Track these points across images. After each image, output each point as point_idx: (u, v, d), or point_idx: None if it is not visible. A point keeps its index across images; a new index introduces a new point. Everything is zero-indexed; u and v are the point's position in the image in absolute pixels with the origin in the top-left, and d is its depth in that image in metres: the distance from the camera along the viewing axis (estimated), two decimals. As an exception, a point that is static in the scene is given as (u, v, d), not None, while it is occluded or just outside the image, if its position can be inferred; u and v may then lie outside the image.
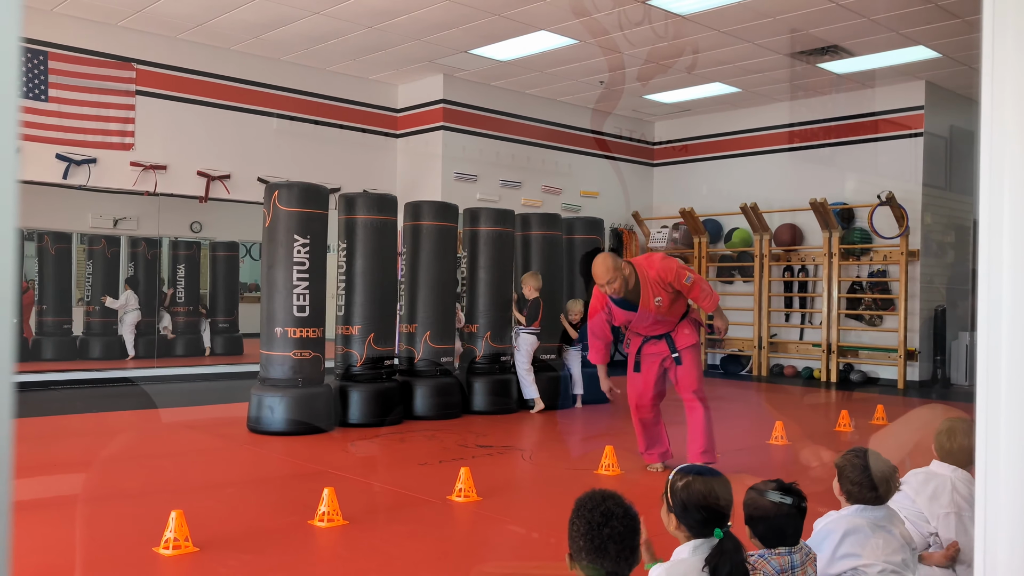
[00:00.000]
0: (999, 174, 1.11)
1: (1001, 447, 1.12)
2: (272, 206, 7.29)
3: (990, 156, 1.14)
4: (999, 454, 1.11)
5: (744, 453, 6.69)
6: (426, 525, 4.46)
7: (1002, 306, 1.12)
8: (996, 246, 1.13)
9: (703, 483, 2.48)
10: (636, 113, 14.13)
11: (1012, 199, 1.09)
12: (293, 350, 7.19)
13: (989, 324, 1.14)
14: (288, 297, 7.20)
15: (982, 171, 1.15)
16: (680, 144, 14.61)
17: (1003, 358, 1.12)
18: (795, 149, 13.07)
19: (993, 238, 1.10)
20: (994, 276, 1.12)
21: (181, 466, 5.93)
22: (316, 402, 7.22)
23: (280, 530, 4.30)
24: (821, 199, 11.85)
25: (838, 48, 10.35)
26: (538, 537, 4.33)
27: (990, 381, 1.13)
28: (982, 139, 1.16)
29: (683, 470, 2.57)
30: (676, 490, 2.51)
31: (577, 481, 5.68)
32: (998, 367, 1.12)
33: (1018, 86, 1.11)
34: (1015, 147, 1.09)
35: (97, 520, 4.49)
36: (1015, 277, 1.11)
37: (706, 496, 2.46)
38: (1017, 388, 1.12)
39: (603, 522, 2.26)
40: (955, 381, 11.76)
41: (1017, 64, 1.11)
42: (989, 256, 1.13)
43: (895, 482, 3.02)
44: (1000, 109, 1.12)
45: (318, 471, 5.78)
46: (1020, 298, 1.11)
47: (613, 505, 2.30)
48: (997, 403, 1.12)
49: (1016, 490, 1.10)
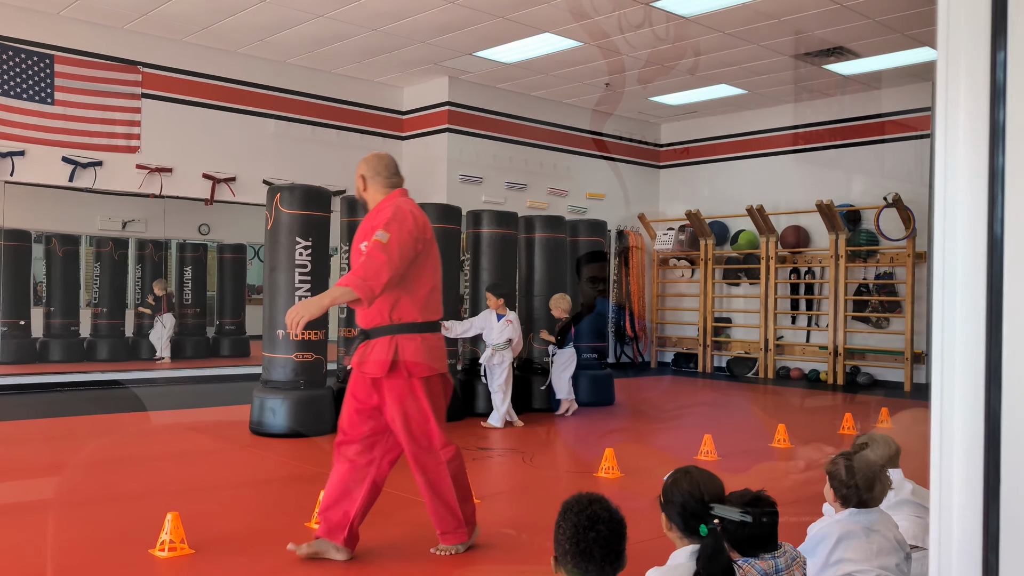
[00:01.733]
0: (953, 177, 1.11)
1: (956, 456, 1.12)
2: (274, 208, 7.31)
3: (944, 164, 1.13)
4: (953, 461, 1.11)
5: (746, 456, 6.67)
6: (422, 528, 4.45)
7: (956, 316, 1.11)
8: (952, 251, 1.13)
9: (690, 481, 2.48)
10: (642, 115, 14.12)
11: (964, 200, 1.09)
12: (295, 352, 7.21)
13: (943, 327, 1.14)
14: (290, 299, 7.22)
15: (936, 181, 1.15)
16: (684, 146, 14.59)
17: (957, 360, 1.11)
18: (801, 151, 13.03)
19: (948, 252, 1.10)
20: (948, 284, 1.12)
21: (181, 468, 5.95)
22: (318, 404, 7.24)
23: (277, 532, 4.31)
24: (827, 201, 11.82)
25: (844, 49, 10.31)
26: (529, 540, 4.33)
27: (945, 386, 1.13)
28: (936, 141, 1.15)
29: (676, 470, 2.58)
30: (666, 488, 2.51)
31: (576, 484, 5.68)
32: (952, 369, 1.12)
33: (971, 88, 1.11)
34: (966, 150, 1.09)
35: (94, 522, 4.51)
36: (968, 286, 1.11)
37: (691, 493, 2.45)
38: (969, 391, 1.12)
39: (589, 526, 2.26)
40: (963, 384, 11.68)
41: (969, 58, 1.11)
42: (944, 260, 1.13)
43: (887, 482, 3.01)
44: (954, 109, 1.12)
45: (318, 473, 5.78)
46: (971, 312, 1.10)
47: (599, 509, 2.30)
48: (952, 408, 1.12)
49: (969, 499, 1.10)
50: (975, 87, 1.08)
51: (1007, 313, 1.08)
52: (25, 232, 10.76)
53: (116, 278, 11.83)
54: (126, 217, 11.26)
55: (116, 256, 11.79)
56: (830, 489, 2.97)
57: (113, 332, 11.65)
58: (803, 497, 2.72)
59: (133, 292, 11.93)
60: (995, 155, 1.08)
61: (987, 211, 1.09)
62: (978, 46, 1.09)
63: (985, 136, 1.09)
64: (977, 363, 1.09)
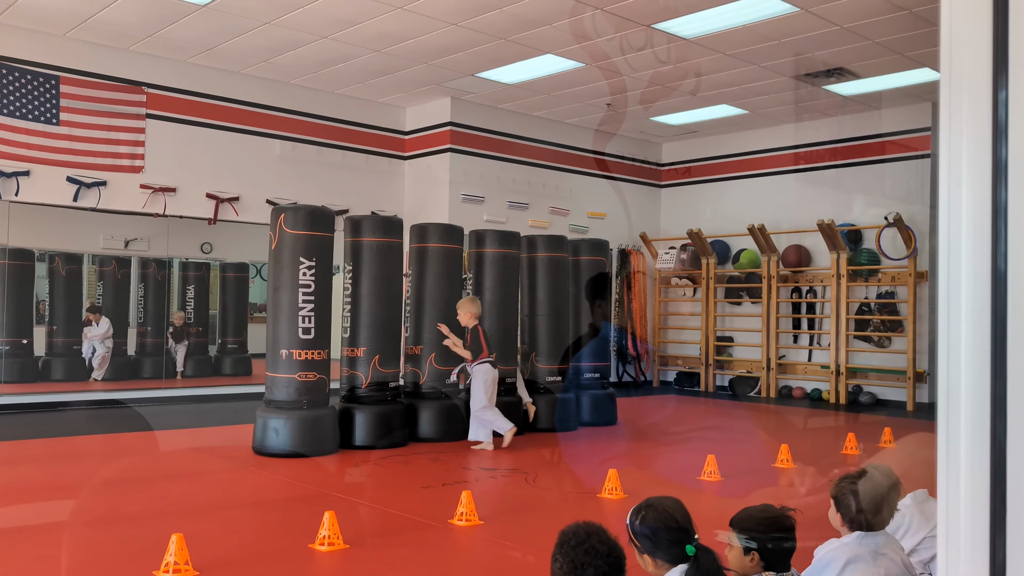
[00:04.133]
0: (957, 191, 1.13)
1: (962, 475, 1.13)
2: (278, 229, 7.34)
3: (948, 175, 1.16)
4: (960, 479, 1.12)
5: (749, 475, 6.67)
6: (426, 549, 4.46)
7: (961, 335, 1.13)
8: (956, 266, 1.15)
9: (656, 511, 2.45)
10: (643, 135, 14.19)
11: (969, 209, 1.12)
12: (298, 372, 7.22)
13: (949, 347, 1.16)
14: (293, 319, 7.24)
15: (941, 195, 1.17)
16: (686, 166, 14.65)
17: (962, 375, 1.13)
18: (802, 170, 13.08)
19: (952, 287, 1.12)
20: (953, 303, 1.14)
21: (184, 488, 5.95)
22: (321, 424, 7.24)
23: (280, 553, 4.31)
24: (828, 220, 11.85)
25: (843, 70, 10.38)
26: (535, 561, 4.32)
27: (951, 400, 1.14)
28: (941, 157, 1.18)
29: (635, 509, 2.53)
30: (636, 529, 2.46)
31: (580, 505, 5.67)
32: (958, 384, 1.13)
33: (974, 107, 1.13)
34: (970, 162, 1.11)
35: (98, 543, 4.51)
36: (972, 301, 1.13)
37: (664, 521, 2.42)
38: (976, 404, 1.14)
39: (587, 561, 2.19)
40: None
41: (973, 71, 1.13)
42: (948, 271, 1.15)
43: (894, 505, 3.01)
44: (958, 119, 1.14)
45: (321, 494, 5.79)
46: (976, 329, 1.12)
47: (597, 542, 2.22)
48: (958, 423, 1.14)
49: (975, 512, 1.11)
50: (977, 125, 1.11)
51: (1011, 347, 1.10)
52: (28, 251, 10.79)
53: (119, 297, 11.85)
54: (129, 236, 11.29)
55: (119, 275, 11.81)
56: (836, 514, 2.97)
57: (115, 351, 11.65)
58: (809, 520, 2.72)
59: (136, 311, 11.95)
60: (998, 191, 1.11)
61: (991, 246, 1.11)
62: (980, 85, 1.11)
63: (988, 173, 1.11)
64: (983, 396, 1.11)
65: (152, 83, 10.30)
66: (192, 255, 12.23)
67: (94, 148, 9.80)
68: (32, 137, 9.40)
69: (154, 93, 10.31)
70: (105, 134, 9.89)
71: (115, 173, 9.98)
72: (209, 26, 9.29)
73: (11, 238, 9.97)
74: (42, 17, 9.09)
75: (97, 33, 9.58)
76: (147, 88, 10.25)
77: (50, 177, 9.53)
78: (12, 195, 9.31)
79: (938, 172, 1.22)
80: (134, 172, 10.12)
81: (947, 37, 1.16)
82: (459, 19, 8.91)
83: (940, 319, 1.16)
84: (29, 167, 9.38)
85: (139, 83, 10.19)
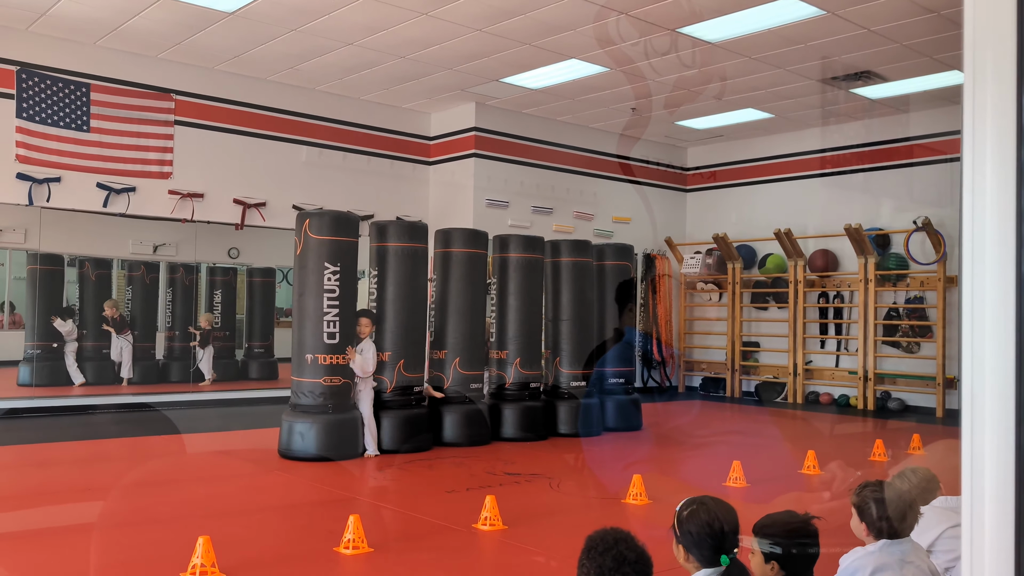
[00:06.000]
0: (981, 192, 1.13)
1: (987, 480, 1.12)
2: (303, 234, 7.39)
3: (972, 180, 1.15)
4: (984, 484, 1.11)
5: (775, 482, 6.62)
6: (449, 553, 4.47)
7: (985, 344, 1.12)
8: (980, 271, 1.14)
9: (707, 512, 2.45)
10: (669, 139, 14.14)
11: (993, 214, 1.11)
12: (323, 377, 7.25)
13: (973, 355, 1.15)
14: (318, 324, 7.28)
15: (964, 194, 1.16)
16: (711, 170, 14.58)
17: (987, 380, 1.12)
18: (829, 174, 12.98)
19: (976, 291, 1.12)
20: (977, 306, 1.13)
21: (211, 491, 6.00)
22: (346, 428, 7.27)
23: (305, 557, 4.34)
24: (856, 225, 11.75)
25: (871, 74, 10.29)
26: (558, 567, 4.32)
27: (975, 405, 1.13)
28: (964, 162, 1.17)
29: (688, 500, 2.54)
30: (682, 520, 2.48)
31: (604, 511, 5.66)
32: (983, 389, 1.13)
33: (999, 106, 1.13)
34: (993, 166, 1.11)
35: (126, 545, 4.56)
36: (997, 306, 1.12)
37: (711, 524, 2.42)
38: (1002, 411, 1.13)
39: (615, 567, 2.17)
40: (996, 410, 11.51)
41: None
42: (973, 273, 1.14)
43: (917, 511, 2.98)
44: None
45: (346, 497, 5.82)
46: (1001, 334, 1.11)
47: (625, 549, 2.20)
48: (982, 429, 1.13)
49: (1001, 518, 1.10)
50: (1001, 131, 1.10)
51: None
52: (59, 256, 10.94)
53: (147, 301, 11.97)
54: (157, 241, 11.41)
55: (147, 280, 11.94)
56: (860, 523, 2.94)
57: (144, 355, 11.78)
58: (833, 527, 2.70)
59: (164, 316, 12.07)
60: (1021, 196, 1.10)
61: (1015, 250, 1.10)
62: (1004, 89, 1.11)
63: (1012, 177, 1.10)
64: (1007, 402, 1.10)
65: (180, 90, 10.41)
66: (219, 260, 12.34)
67: (124, 155, 9.93)
68: (63, 144, 9.54)
69: (182, 100, 10.43)
70: (134, 140, 10.01)
71: (144, 179, 10.10)
72: (236, 34, 9.39)
73: (42, 243, 10.12)
74: (73, 26, 9.23)
75: (127, 41, 9.71)
76: (175, 95, 10.37)
77: (81, 183, 9.67)
78: (43, 201, 9.45)
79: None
80: (163, 178, 10.23)
81: (971, 41, 1.16)
82: (484, 25, 8.94)
83: (964, 323, 1.15)
84: (60, 173, 9.51)
85: (168, 90, 10.31)
